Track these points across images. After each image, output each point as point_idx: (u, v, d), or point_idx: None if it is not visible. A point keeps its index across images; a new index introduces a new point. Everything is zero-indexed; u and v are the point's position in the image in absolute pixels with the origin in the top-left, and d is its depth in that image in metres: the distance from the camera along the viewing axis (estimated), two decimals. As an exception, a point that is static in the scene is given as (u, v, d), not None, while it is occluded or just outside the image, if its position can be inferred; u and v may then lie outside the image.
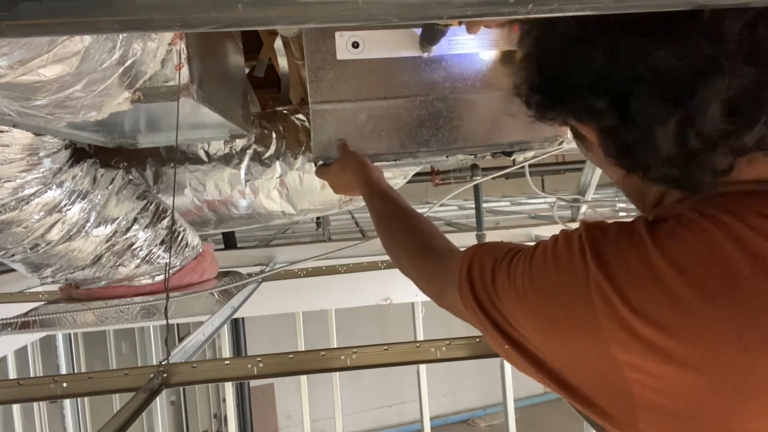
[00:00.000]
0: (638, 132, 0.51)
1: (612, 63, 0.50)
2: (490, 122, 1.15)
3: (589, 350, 0.50)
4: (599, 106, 0.52)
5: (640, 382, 0.47)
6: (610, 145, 0.56)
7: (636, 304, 0.47)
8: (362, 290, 2.67)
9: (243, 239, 3.44)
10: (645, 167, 0.54)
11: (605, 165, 0.60)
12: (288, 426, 7.57)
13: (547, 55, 0.57)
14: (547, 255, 0.56)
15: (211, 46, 1.17)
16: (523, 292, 0.56)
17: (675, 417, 0.47)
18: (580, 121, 0.57)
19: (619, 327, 0.48)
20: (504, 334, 0.59)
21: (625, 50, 0.49)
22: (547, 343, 0.55)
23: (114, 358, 5.02)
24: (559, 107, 0.58)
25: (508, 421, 2.91)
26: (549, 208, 3.94)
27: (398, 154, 1.16)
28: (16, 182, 1.10)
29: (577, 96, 0.54)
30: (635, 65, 0.49)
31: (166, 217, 1.50)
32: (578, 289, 0.51)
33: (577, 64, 0.53)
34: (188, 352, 1.19)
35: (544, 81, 0.58)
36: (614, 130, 0.53)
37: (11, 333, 1.62)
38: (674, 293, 0.46)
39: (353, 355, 1.09)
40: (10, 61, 0.63)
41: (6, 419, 3.40)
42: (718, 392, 0.45)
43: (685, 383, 0.46)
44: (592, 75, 0.52)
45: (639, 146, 0.52)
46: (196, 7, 0.35)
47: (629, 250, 0.50)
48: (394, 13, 0.36)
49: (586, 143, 0.62)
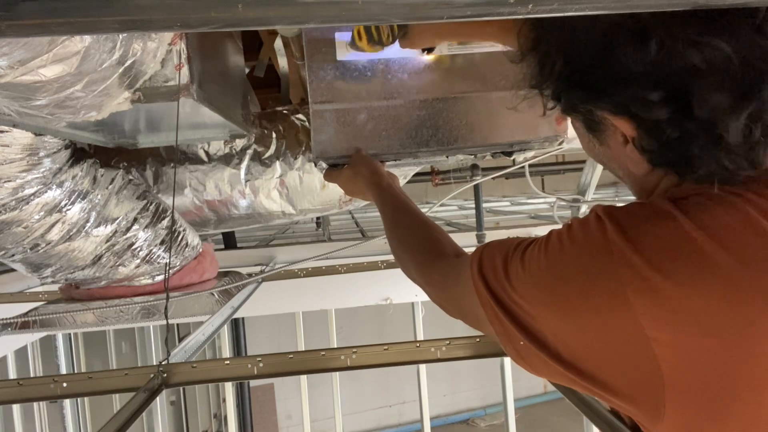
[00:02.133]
0: (695, 124, 0.50)
1: (667, 53, 0.49)
2: (490, 122, 1.15)
3: (614, 329, 0.49)
4: (653, 97, 0.51)
5: (670, 359, 0.47)
6: (649, 139, 0.54)
7: (674, 277, 0.47)
8: (362, 290, 2.67)
9: (243, 239, 3.44)
10: (687, 162, 0.53)
11: (623, 159, 0.59)
12: (288, 426, 7.57)
13: (579, 46, 0.55)
14: (562, 239, 0.55)
15: (211, 46, 1.17)
16: (540, 278, 0.55)
17: (703, 395, 0.47)
18: (616, 114, 0.55)
19: (652, 302, 0.47)
20: (521, 326, 0.57)
21: (681, 40, 0.48)
22: (566, 328, 0.53)
23: (114, 358, 5.02)
24: (598, 99, 0.56)
25: (508, 421, 2.91)
26: (549, 208, 3.94)
27: (398, 154, 1.16)
28: (16, 182, 1.10)
29: (625, 87, 0.52)
30: (691, 57, 0.48)
31: (166, 217, 1.50)
32: (600, 266, 0.50)
33: (626, 54, 0.51)
34: (188, 352, 1.19)
35: (581, 72, 0.56)
36: (658, 124, 0.52)
37: (11, 333, 1.62)
38: (714, 263, 0.46)
39: (353, 355, 1.09)
40: (10, 61, 0.63)
41: (6, 419, 3.40)
42: (753, 363, 0.45)
43: (719, 356, 0.46)
44: (643, 66, 0.50)
45: (688, 141, 0.51)
46: (196, 7, 0.35)
47: (659, 224, 0.50)
48: (394, 13, 0.36)
49: (603, 137, 0.60)
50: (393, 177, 1.06)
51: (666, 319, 0.47)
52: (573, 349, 0.53)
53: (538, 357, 0.56)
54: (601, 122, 0.58)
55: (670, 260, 0.48)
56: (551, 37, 0.58)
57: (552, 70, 0.59)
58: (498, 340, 0.61)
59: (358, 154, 1.10)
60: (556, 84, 0.59)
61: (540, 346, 0.56)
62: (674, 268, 0.47)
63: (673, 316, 0.47)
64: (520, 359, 0.59)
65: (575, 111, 0.60)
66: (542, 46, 0.59)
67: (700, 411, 0.48)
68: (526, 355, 0.58)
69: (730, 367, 0.46)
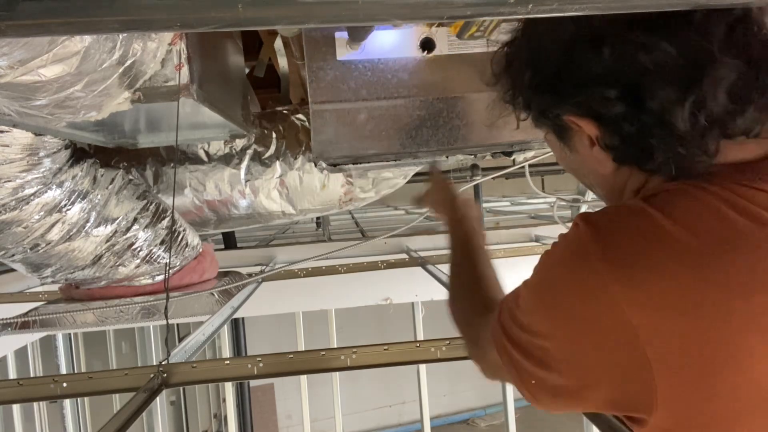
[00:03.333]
0: (649, 116, 0.55)
1: (619, 56, 0.55)
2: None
3: (602, 324, 0.52)
4: (610, 95, 0.56)
5: (655, 344, 0.50)
6: (611, 136, 0.59)
7: (648, 263, 0.51)
8: (362, 290, 2.66)
9: (243, 239, 3.44)
10: (647, 153, 0.58)
11: (591, 162, 0.64)
12: (288, 426, 7.57)
13: (546, 55, 0.61)
14: (548, 250, 0.61)
15: (211, 46, 1.17)
16: (532, 287, 0.61)
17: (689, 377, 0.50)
18: (581, 116, 0.60)
19: (631, 289, 0.51)
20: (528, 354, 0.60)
21: (631, 44, 0.54)
22: (559, 333, 0.56)
23: (114, 358, 5.02)
24: (564, 102, 0.61)
25: (508, 421, 2.91)
26: (549, 208, 3.94)
27: (398, 154, 1.16)
28: (16, 182, 1.10)
29: (586, 88, 0.58)
30: (640, 57, 0.54)
31: (166, 217, 1.50)
32: (578, 263, 0.55)
33: (585, 59, 0.57)
34: (188, 352, 1.19)
35: (548, 79, 0.62)
36: (618, 120, 0.57)
37: (11, 333, 1.62)
38: (683, 248, 0.51)
39: (353, 355, 1.09)
40: (10, 61, 0.63)
41: (6, 419, 3.40)
42: (729, 339, 0.49)
43: (697, 335, 0.49)
44: (600, 68, 0.56)
45: (645, 132, 0.57)
46: (196, 7, 0.35)
47: (633, 219, 0.55)
48: (394, 13, 0.36)
49: (572, 144, 0.66)
50: (474, 206, 1.03)
51: (646, 305, 0.50)
52: (569, 357, 0.56)
53: (546, 391, 0.60)
54: (568, 128, 0.64)
55: (643, 249, 0.52)
56: (521, 55, 0.65)
57: (522, 82, 0.65)
58: (514, 383, 0.64)
59: (436, 177, 1.09)
60: (526, 93, 0.66)
61: (549, 371, 0.58)
62: (648, 255, 0.52)
63: (651, 300, 0.50)
64: (535, 401, 0.62)
65: (545, 117, 0.66)
66: (514, 64, 0.66)
67: (689, 393, 0.50)
68: (537, 393, 0.61)
69: (709, 344, 0.49)
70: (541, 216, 3.43)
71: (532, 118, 0.69)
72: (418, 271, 2.27)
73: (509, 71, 0.68)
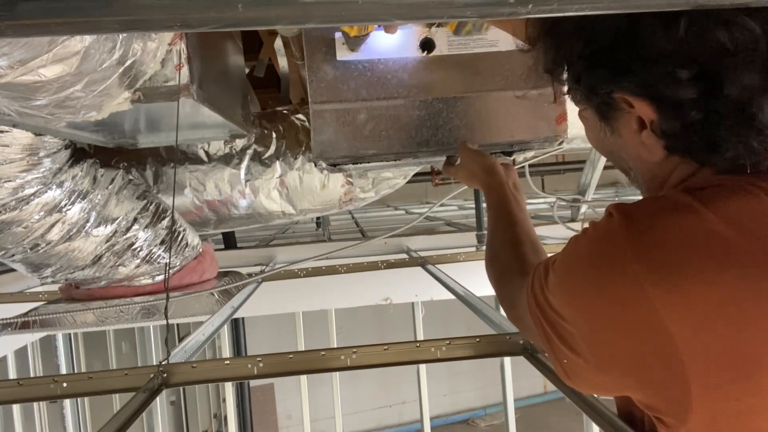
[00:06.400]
0: (724, 104, 0.49)
1: (697, 32, 0.48)
2: (490, 122, 1.15)
3: (635, 325, 0.48)
4: (682, 75, 0.49)
5: (694, 354, 0.46)
6: (671, 121, 0.53)
7: (697, 272, 0.46)
8: (362, 290, 2.66)
9: (243, 239, 3.44)
10: (711, 144, 0.52)
11: (636, 147, 0.57)
12: (288, 426, 7.57)
13: (603, 24, 0.53)
14: (579, 238, 0.55)
15: (211, 46, 1.17)
16: (561, 278, 0.55)
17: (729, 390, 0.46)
18: (638, 95, 0.53)
19: (673, 297, 0.46)
20: (560, 336, 0.56)
21: (711, 20, 0.47)
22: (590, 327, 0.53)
23: (114, 358, 5.02)
24: (622, 79, 0.54)
25: (508, 421, 2.91)
26: (549, 208, 3.93)
27: (398, 154, 1.16)
28: (16, 182, 1.10)
29: (653, 66, 0.51)
30: (721, 36, 0.47)
31: (166, 217, 1.50)
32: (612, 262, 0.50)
33: (654, 32, 0.50)
34: (188, 352, 1.19)
35: (605, 50, 0.54)
36: (682, 105, 0.51)
37: (11, 333, 1.62)
38: (737, 254, 0.46)
39: (353, 355, 1.09)
40: (10, 61, 0.63)
41: (6, 419, 3.40)
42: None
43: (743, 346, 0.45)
44: (671, 44, 0.49)
45: (714, 121, 0.50)
46: (196, 7, 0.35)
47: (679, 217, 0.49)
48: (394, 13, 0.36)
49: (616, 125, 0.58)
50: (509, 171, 1.00)
51: (688, 314, 0.46)
52: (600, 349, 0.53)
53: (581, 371, 0.56)
54: (616, 108, 0.56)
55: (689, 252, 0.47)
56: (570, 18, 0.55)
57: (571, 51, 0.57)
58: (550, 359, 0.60)
59: (467, 150, 1.04)
60: (576, 64, 0.58)
61: (577, 355, 0.55)
62: (694, 259, 0.47)
63: (694, 309, 0.46)
64: (568, 379, 0.58)
65: (594, 93, 0.58)
66: (559, 27, 0.58)
67: (726, 407, 0.47)
68: (572, 372, 0.57)
69: (754, 358, 0.46)
70: (541, 216, 3.43)
71: (574, 92, 0.61)
72: (418, 271, 2.27)
73: (554, 35, 0.58)
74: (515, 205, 0.91)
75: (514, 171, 1.02)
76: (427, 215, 3.29)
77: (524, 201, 0.95)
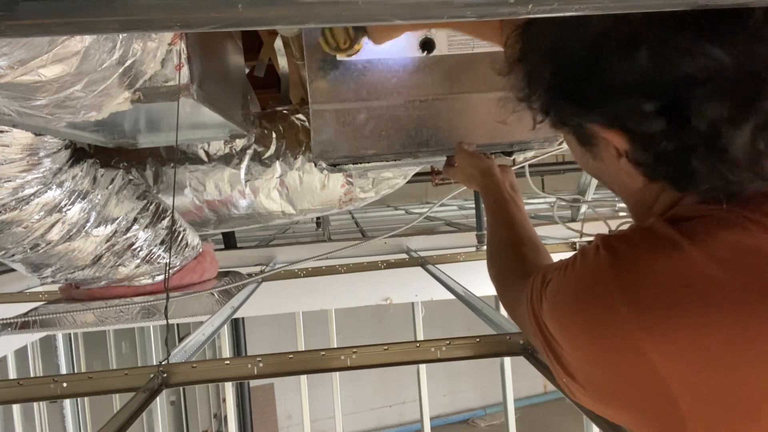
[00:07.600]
0: (693, 136, 0.47)
1: (659, 62, 0.46)
2: (490, 122, 1.15)
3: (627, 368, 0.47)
4: (647, 109, 0.48)
5: (690, 397, 0.44)
6: (643, 152, 0.51)
7: (685, 315, 0.45)
8: (362, 290, 2.67)
9: (243, 239, 3.44)
10: (685, 174, 0.50)
11: (618, 173, 0.56)
12: (288, 426, 7.57)
13: (569, 50, 0.52)
14: (568, 271, 0.54)
15: (211, 46, 1.17)
16: (553, 309, 0.54)
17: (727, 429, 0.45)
18: (608, 127, 0.52)
19: (662, 341, 0.45)
20: (557, 358, 0.55)
21: (674, 48, 0.46)
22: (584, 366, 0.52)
23: (114, 358, 5.02)
24: (589, 112, 0.53)
25: (508, 421, 2.91)
26: (549, 208, 3.93)
27: (398, 154, 1.16)
28: (16, 182, 1.10)
29: (617, 99, 0.49)
30: (684, 65, 0.46)
31: (166, 217, 1.50)
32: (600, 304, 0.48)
33: (615, 63, 0.48)
34: (188, 352, 1.19)
35: (569, 84, 0.53)
36: (652, 136, 0.49)
37: (11, 333, 1.62)
38: (728, 296, 0.44)
39: (353, 355, 1.09)
40: (10, 61, 0.63)
41: (6, 419, 3.40)
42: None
43: (740, 389, 0.44)
44: (633, 76, 0.48)
45: (686, 152, 0.48)
46: (196, 7, 0.35)
47: (664, 256, 0.47)
48: (394, 13, 0.36)
49: (595, 151, 0.57)
50: (506, 172, 1.00)
51: (679, 358, 0.44)
52: (594, 385, 0.52)
53: (579, 395, 0.54)
54: (592, 136, 0.55)
55: (681, 298, 0.45)
56: (538, 47, 0.55)
57: (540, 82, 0.56)
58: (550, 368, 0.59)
59: (463, 153, 1.05)
60: (544, 96, 0.56)
61: (573, 380, 0.53)
62: (682, 303, 0.45)
63: (685, 353, 0.44)
64: (571, 394, 0.57)
65: (565, 125, 0.57)
66: (529, 57, 0.57)
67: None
68: (570, 392, 0.56)
69: (749, 398, 0.44)
70: (541, 216, 3.43)
71: (549, 122, 0.59)
72: (418, 271, 2.27)
73: (526, 63, 0.57)
74: (513, 206, 0.91)
75: (511, 172, 1.02)
76: (427, 215, 3.29)
77: (522, 201, 0.94)
